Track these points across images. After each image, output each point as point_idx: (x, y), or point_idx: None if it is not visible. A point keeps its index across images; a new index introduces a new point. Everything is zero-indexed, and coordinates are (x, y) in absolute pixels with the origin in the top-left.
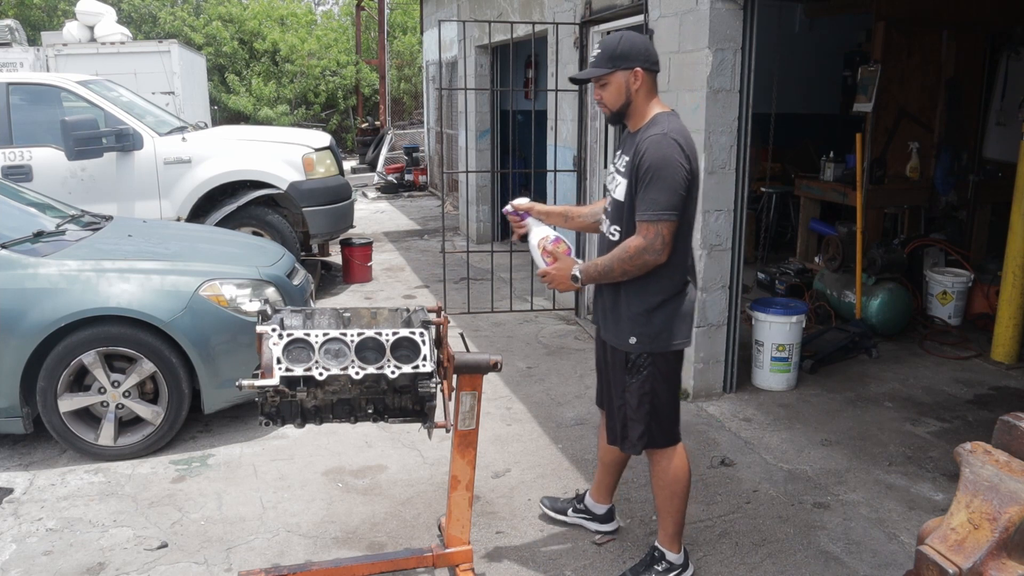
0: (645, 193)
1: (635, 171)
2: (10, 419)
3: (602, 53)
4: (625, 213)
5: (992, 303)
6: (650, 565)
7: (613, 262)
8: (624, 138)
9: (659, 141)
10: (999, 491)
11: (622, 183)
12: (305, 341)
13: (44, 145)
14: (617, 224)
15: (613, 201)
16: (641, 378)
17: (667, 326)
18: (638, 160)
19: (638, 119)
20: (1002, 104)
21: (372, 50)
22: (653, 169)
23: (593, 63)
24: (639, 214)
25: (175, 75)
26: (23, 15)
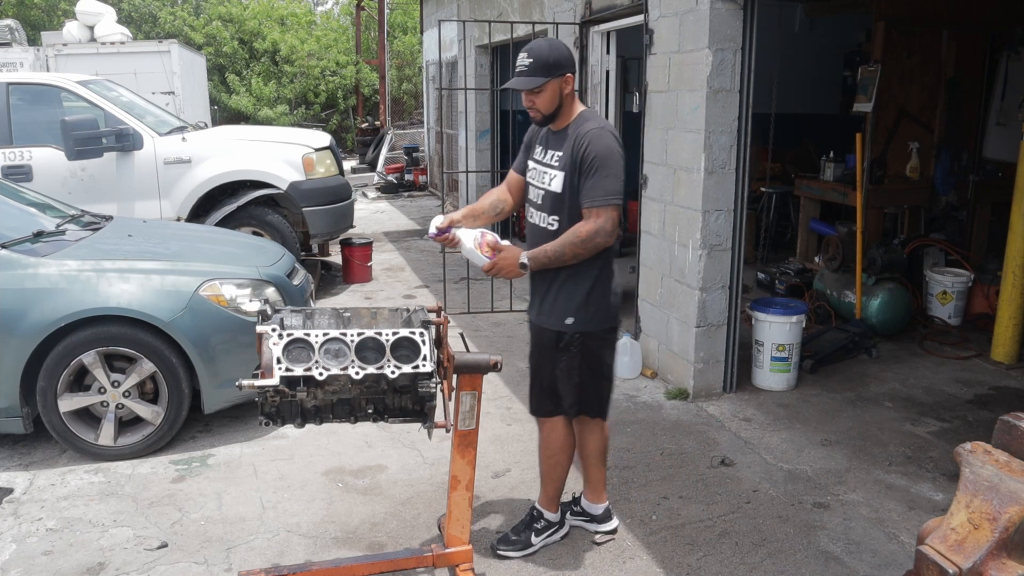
0: (593, 181)
1: (578, 163)
2: (10, 419)
3: (535, 63)
4: (565, 204)
5: (992, 303)
6: (529, 524)
7: (565, 248)
8: (546, 136)
9: (600, 135)
10: (999, 491)
11: (558, 176)
12: (305, 341)
13: (44, 145)
14: (556, 215)
15: (548, 194)
16: (571, 355)
17: (601, 307)
18: (581, 153)
19: (565, 118)
20: (1002, 104)
21: (372, 50)
22: (599, 160)
23: (527, 72)
24: (588, 200)
25: (175, 75)
26: (23, 15)
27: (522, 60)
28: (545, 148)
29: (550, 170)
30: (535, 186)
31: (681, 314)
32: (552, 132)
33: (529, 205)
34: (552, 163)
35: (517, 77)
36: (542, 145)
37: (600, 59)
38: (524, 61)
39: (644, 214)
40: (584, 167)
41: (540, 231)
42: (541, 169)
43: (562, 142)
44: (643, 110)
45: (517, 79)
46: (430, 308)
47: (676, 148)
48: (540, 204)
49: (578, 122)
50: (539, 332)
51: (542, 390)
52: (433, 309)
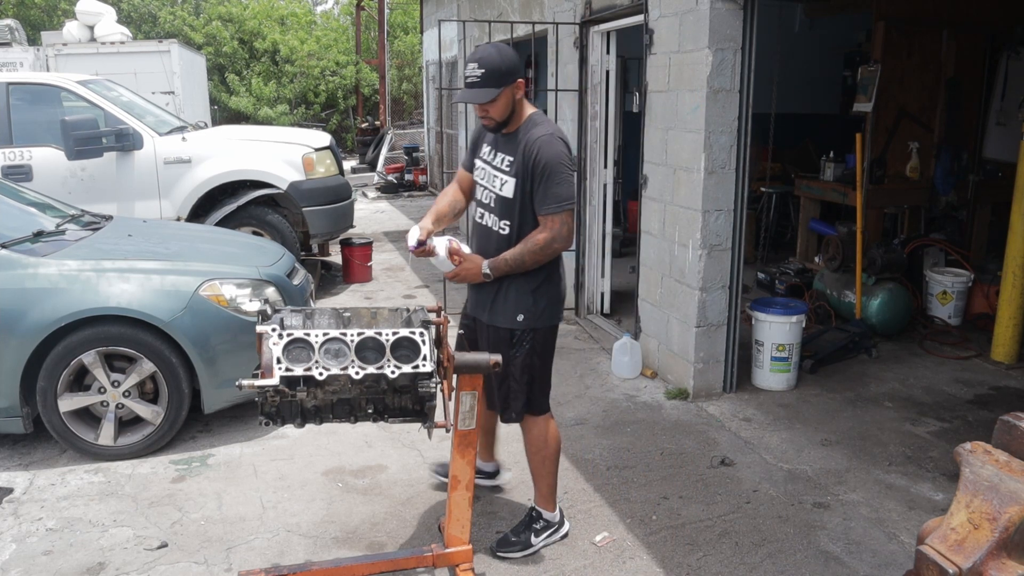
0: (546, 189)
1: (529, 170)
2: (10, 419)
3: (487, 73)
4: (516, 209)
5: (992, 303)
6: (529, 524)
7: (524, 255)
8: (496, 139)
9: (549, 141)
10: (999, 491)
11: (510, 181)
12: (305, 341)
13: (44, 145)
14: (507, 220)
15: (500, 198)
16: (524, 352)
17: (548, 304)
18: (531, 160)
19: (516, 122)
20: (1002, 104)
21: (372, 50)
22: (550, 167)
23: (480, 83)
24: (544, 208)
25: (175, 75)
26: (23, 15)
27: (472, 71)
28: (494, 149)
29: (501, 175)
30: (485, 187)
31: (681, 314)
32: (503, 135)
33: (478, 205)
34: (503, 167)
35: (470, 90)
36: (491, 145)
37: (600, 59)
38: (475, 72)
39: (644, 214)
40: (536, 174)
41: (491, 233)
42: (491, 172)
43: (513, 146)
44: (643, 110)
45: (470, 92)
46: (430, 308)
47: (676, 148)
48: (491, 207)
49: (528, 126)
50: (494, 332)
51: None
52: (433, 309)
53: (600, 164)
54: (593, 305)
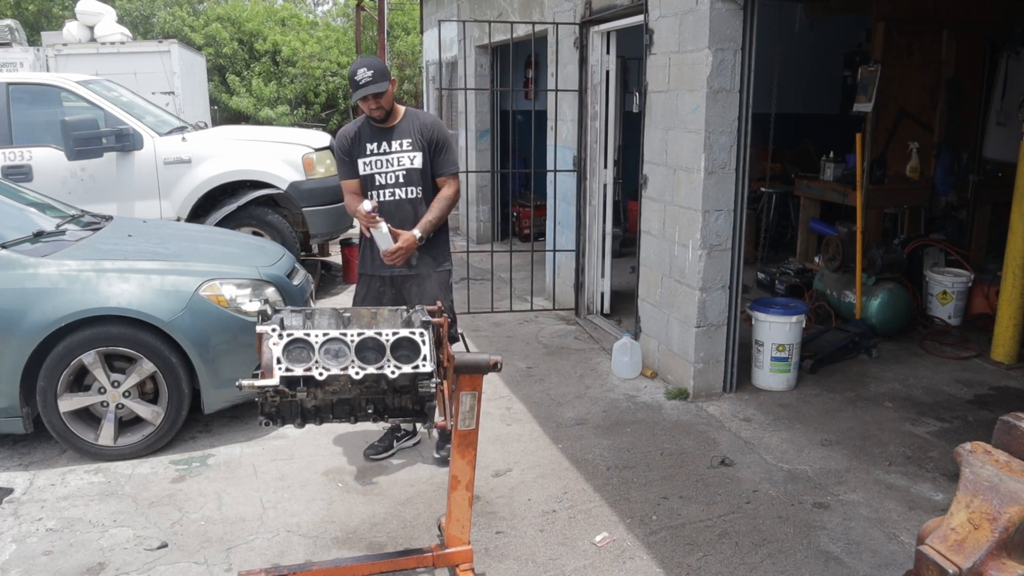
0: (445, 156)
1: (432, 143)
2: (10, 419)
3: (376, 72)
4: (424, 176)
5: (992, 303)
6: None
7: (443, 211)
8: (373, 134)
9: (436, 120)
10: (999, 491)
11: (418, 155)
12: (305, 341)
13: (44, 145)
14: (419, 186)
15: (411, 171)
16: (451, 289)
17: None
18: (431, 135)
19: (395, 115)
20: (1002, 104)
21: (372, 50)
22: (447, 140)
23: (374, 80)
24: (446, 170)
25: (175, 75)
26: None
27: (365, 73)
28: (381, 141)
29: (406, 153)
30: (388, 171)
31: (681, 314)
32: (380, 129)
33: (384, 189)
34: (406, 148)
35: (371, 85)
36: (374, 142)
37: (600, 59)
38: (367, 74)
39: (644, 214)
40: (438, 146)
41: (402, 203)
42: (393, 156)
43: (403, 131)
44: (643, 110)
45: (372, 85)
46: (430, 308)
47: (676, 148)
48: (400, 182)
49: (412, 115)
50: (443, 277)
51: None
52: (433, 309)
53: (600, 164)
54: (593, 305)
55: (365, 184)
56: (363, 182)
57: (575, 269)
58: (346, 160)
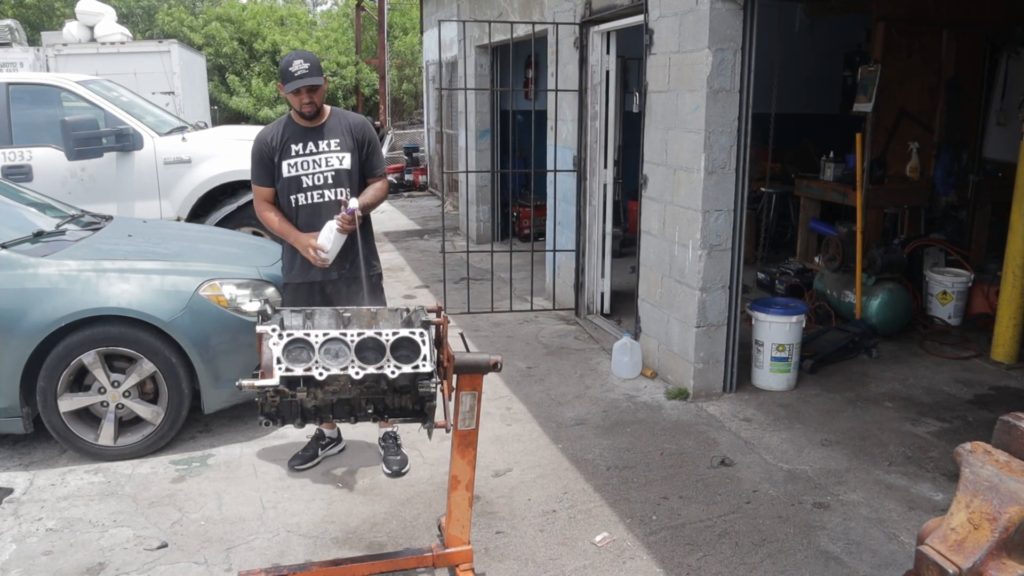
0: (373, 157)
1: (360, 143)
2: (10, 419)
3: (312, 65)
4: (353, 176)
5: (992, 303)
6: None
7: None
8: (299, 134)
9: (364, 119)
10: (999, 491)
11: (347, 155)
12: (305, 341)
13: (44, 145)
14: (347, 186)
15: (340, 171)
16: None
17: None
18: (360, 136)
19: (323, 113)
20: (1002, 104)
21: (372, 50)
22: (374, 139)
23: (310, 73)
24: (377, 170)
25: (175, 75)
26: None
27: (301, 65)
28: (307, 142)
29: (335, 154)
30: (318, 172)
31: (681, 314)
32: (306, 129)
33: (312, 190)
34: (334, 148)
35: (307, 77)
36: (299, 143)
37: (600, 59)
38: (303, 66)
39: (644, 214)
40: (367, 146)
41: (333, 203)
42: (321, 156)
43: (331, 131)
44: (643, 110)
45: (309, 78)
46: (430, 308)
47: (676, 148)
48: (329, 183)
49: (339, 114)
50: (376, 279)
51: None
52: (433, 309)
53: (600, 164)
54: (593, 305)
55: (289, 187)
56: (287, 185)
57: (575, 269)
58: (267, 164)
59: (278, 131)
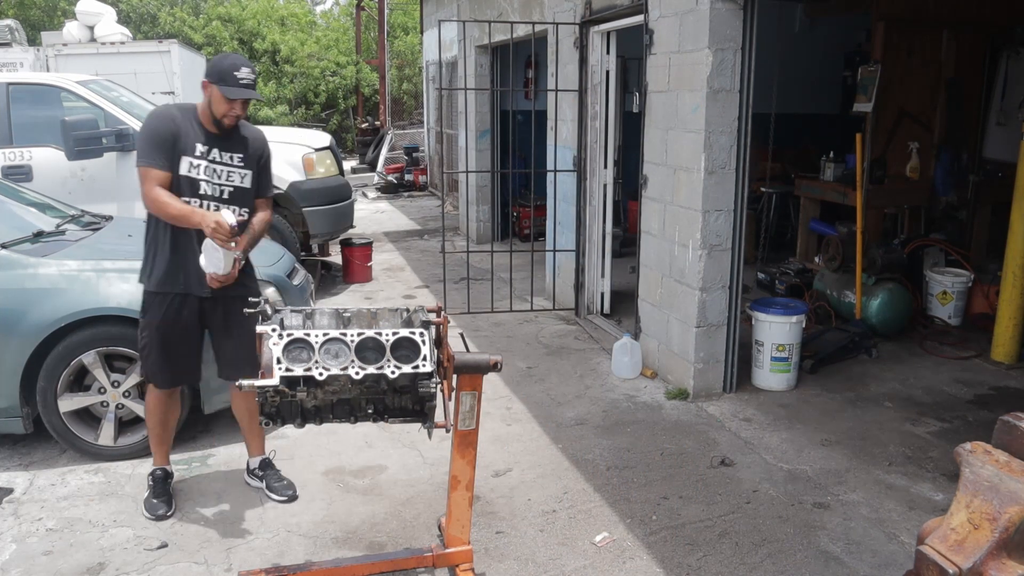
0: (268, 177)
1: (257, 162)
2: (10, 419)
3: (255, 78)
4: (251, 197)
5: (992, 303)
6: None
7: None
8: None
9: (263, 135)
10: (999, 491)
11: (248, 174)
12: (305, 341)
13: (44, 145)
14: (246, 207)
15: (239, 190)
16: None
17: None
18: (260, 154)
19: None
20: (1002, 104)
21: (372, 50)
22: (269, 158)
23: (254, 86)
24: (267, 192)
25: (175, 75)
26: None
27: (248, 75)
28: (213, 147)
29: (236, 169)
30: (216, 184)
31: (681, 314)
32: (211, 133)
33: (205, 200)
34: (236, 163)
35: (251, 89)
36: (205, 144)
37: (600, 59)
38: (250, 76)
39: (644, 214)
40: (262, 165)
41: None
42: (223, 168)
43: (235, 143)
44: (643, 110)
45: (252, 91)
46: (430, 308)
47: (676, 148)
48: (227, 199)
49: (242, 126)
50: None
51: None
52: (433, 309)
53: (600, 164)
54: (593, 305)
55: (182, 187)
56: (180, 183)
57: (575, 269)
58: (167, 147)
59: (184, 119)
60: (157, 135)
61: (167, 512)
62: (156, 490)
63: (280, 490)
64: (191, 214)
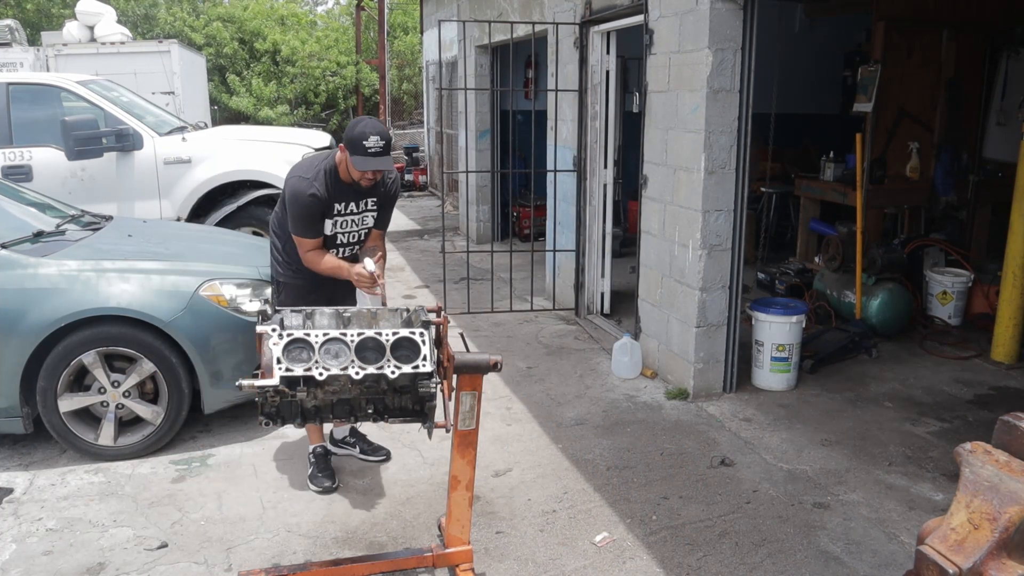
0: (388, 214)
1: (390, 200)
2: (10, 419)
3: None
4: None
5: (992, 303)
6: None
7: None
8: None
9: (397, 176)
10: (999, 491)
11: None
12: (305, 341)
13: (44, 145)
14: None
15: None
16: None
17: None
18: (391, 192)
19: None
20: (1002, 104)
21: (372, 50)
22: (397, 196)
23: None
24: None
25: (175, 75)
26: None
27: (377, 143)
28: (349, 201)
29: (370, 213)
30: (354, 231)
31: (681, 314)
32: (347, 186)
33: (344, 247)
34: (370, 207)
35: (379, 158)
36: (343, 201)
37: (600, 59)
38: (380, 143)
39: (644, 214)
40: (390, 203)
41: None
42: (359, 216)
43: (374, 188)
44: (643, 110)
45: (382, 159)
46: (430, 308)
47: (676, 148)
48: (361, 239)
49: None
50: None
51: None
52: (433, 309)
53: (600, 164)
54: (593, 305)
55: (324, 243)
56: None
57: (575, 269)
58: (317, 220)
59: (323, 185)
60: (309, 215)
61: (332, 485)
62: (319, 465)
63: (373, 452)
64: (338, 269)
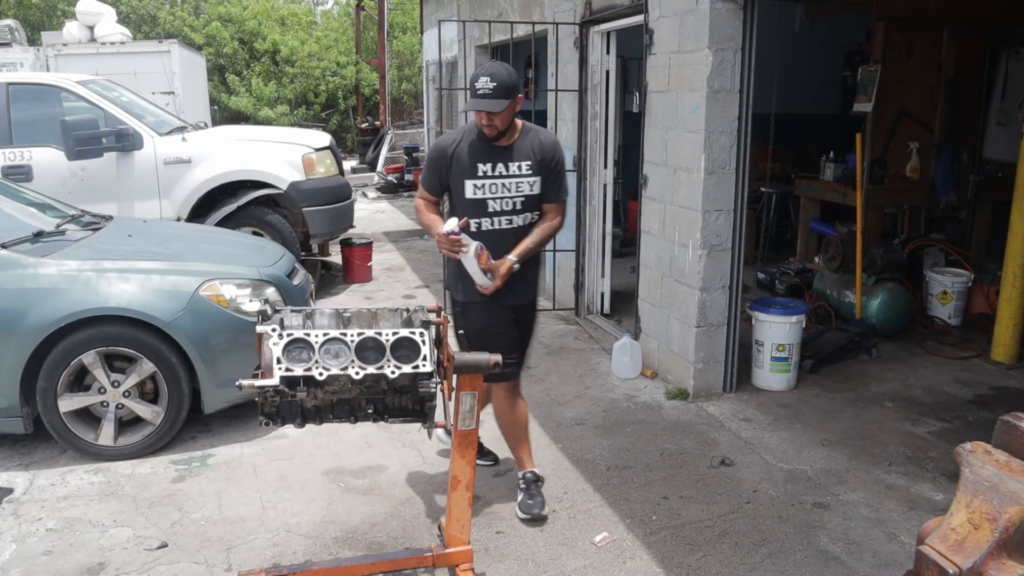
0: (559, 181)
1: (548, 167)
2: (10, 419)
3: (499, 86)
4: (537, 202)
5: (992, 303)
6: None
7: (544, 239)
8: (487, 151)
9: (557, 140)
10: (999, 491)
11: (536, 180)
12: (305, 341)
13: (44, 145)
14: (531, 212)
15: (529, 198)
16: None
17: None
18: (551, 158)
19: (512, 133)
20: (1002, 104)
21: (372, 50)
22: (563, 162)
23: (492, 95)
24: (556, 197)
25: (175, 75)
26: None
27: (485, 84)
28: (497, 162)
29: (526, 178)
30: (507, 198)
31: (681, 314)
32: (495, 147)
33: (499, 216)
34: (525, 172)
35: (483, 99)
36: (488, 162)
37: (600, 59)
38: (488, 85)
39: (644, 214)
40: (554, 170)
41: (509, 231)
42: (511, 180)
43: (522, 152)
44: (643, 110)
45: (484, 101)
46: (430, 308)
47: (676, 148)
48: (520, 208)
49: (532, 133)
50: (530, 307)
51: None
52: (433, 309)
53: (600, 164)
54: (593, 305)
55: (472, 210)
56: (469, 207)
57: (575, 269)
58: (441, 174)
59: (461, 141)
60: (431, 163)
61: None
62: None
63: (525, 508)
64: (430, 228)
